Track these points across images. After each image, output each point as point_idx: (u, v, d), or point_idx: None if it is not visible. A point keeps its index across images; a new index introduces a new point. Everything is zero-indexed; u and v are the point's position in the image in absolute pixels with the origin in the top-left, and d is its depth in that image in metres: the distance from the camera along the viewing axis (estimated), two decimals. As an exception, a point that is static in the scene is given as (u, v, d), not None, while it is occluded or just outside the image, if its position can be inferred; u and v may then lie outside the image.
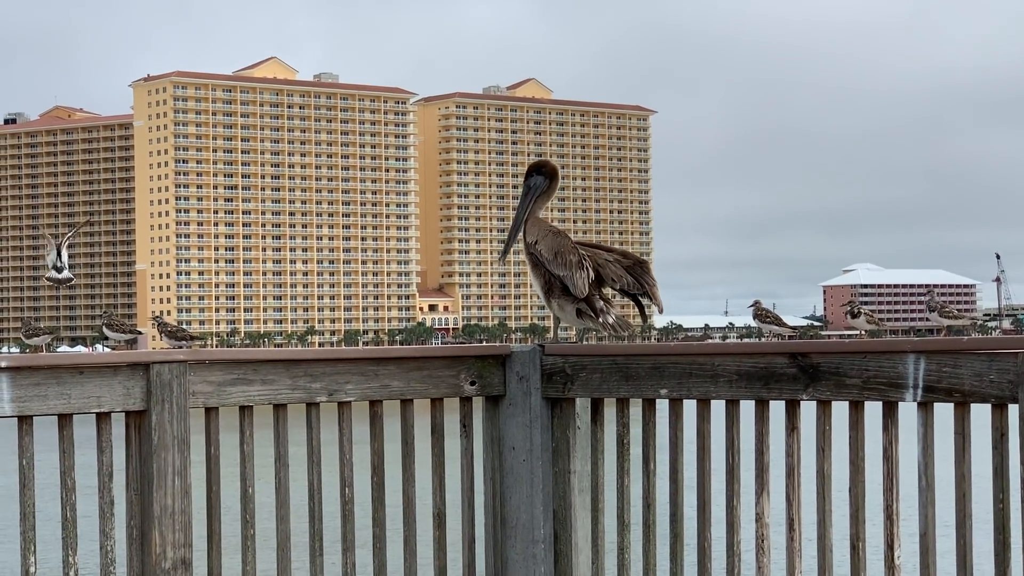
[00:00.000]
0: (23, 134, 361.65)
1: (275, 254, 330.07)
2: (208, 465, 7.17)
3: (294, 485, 7.38)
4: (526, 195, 8.09)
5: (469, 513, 7.86)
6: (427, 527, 7.73)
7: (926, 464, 6.49)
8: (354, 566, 7.50)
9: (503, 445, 7.95)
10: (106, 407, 6.92)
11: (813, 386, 6.79)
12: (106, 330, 13.11)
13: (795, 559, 6.90)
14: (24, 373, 6.73)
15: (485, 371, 7.89)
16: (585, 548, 7.86)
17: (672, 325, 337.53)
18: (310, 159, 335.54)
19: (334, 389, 7.45)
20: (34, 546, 6.79)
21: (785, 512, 6.92)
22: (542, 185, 8.10)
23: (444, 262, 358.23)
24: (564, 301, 7.87)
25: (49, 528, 8.16)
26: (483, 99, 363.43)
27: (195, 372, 7.11)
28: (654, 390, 7.40)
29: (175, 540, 7.03)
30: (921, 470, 6.50)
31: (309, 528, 7.38)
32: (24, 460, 6.77)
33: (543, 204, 8.15)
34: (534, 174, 8.10)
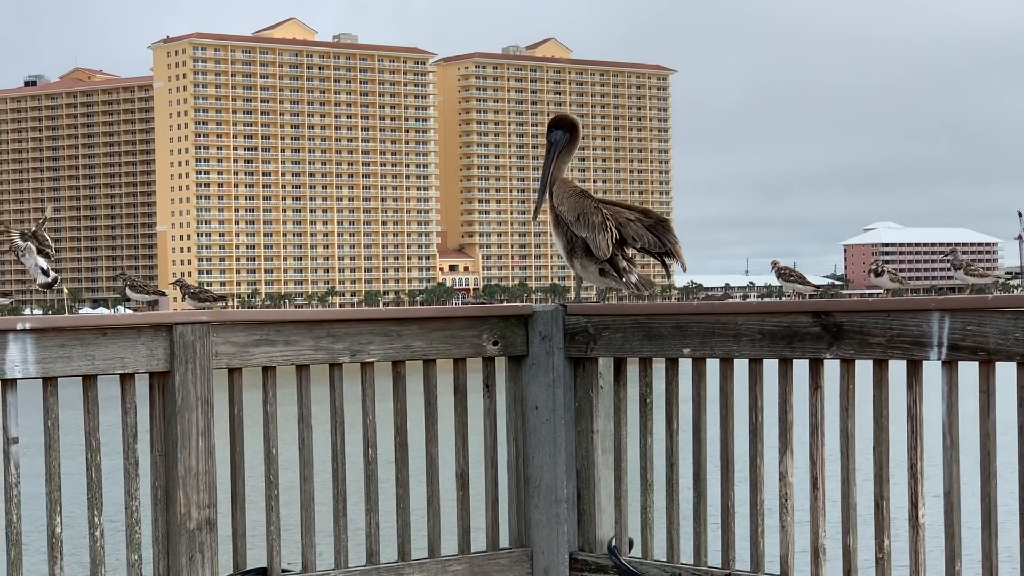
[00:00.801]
0: (43, 96, 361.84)
1: (295, 215, 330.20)
2: (231, 426, 7.19)
3: (317, 445, 7.40)
4: (549, 151, 8.06)
5: (492, 473, 7.87)
6: (450, 487, 7.74)
7: (950, 423, 6.47)
8: (378, 526, 7.52)
9: (526, 405, 7.95)
10: (130, 368, 6.93)
11: (837, 345, 6.77)
12: (128, 291, 13.13)
13: (819, 518, 6.90)
14: (48, 334, 6.75)
15: (507, 331, 7.89)
16: (608, 507, 7.87)
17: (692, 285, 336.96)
18: (330, 120, 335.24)
19: (356, 350, 7.45)
20: (60, 506, 6.82)
21: (808, 471, 6.91)
22: (563, 140, 8.07)
23: (464, 222, 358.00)
24: (587, 261, 7.84)
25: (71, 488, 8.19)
26: (502, 59, 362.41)
27: (218, 333, 7.11)
28: (677, 349, 7.39)
29: (199, 500, 7.05)
30: (946, 429, 6.49)
31: (332, 488, 7.40)
32: (49, 421, 6.79)
33: (567, 159, 8.12)
34: (554, 129, 8.08)
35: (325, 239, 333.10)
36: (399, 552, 7.62)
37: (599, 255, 7.73)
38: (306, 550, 7.35)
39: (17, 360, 6.65)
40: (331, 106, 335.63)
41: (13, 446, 6.71)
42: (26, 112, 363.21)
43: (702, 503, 7.31)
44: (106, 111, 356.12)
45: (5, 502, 6.68)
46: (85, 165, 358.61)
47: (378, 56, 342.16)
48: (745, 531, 7.14)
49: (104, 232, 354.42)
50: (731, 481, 7.19)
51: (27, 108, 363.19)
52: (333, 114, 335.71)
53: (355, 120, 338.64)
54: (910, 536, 6.59)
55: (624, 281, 7.79)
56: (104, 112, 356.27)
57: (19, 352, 6.66)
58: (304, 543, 7.36)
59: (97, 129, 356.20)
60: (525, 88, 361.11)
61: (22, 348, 6.67)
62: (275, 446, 7.32)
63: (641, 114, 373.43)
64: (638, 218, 7.82)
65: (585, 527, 7.88)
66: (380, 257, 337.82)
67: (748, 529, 7.12)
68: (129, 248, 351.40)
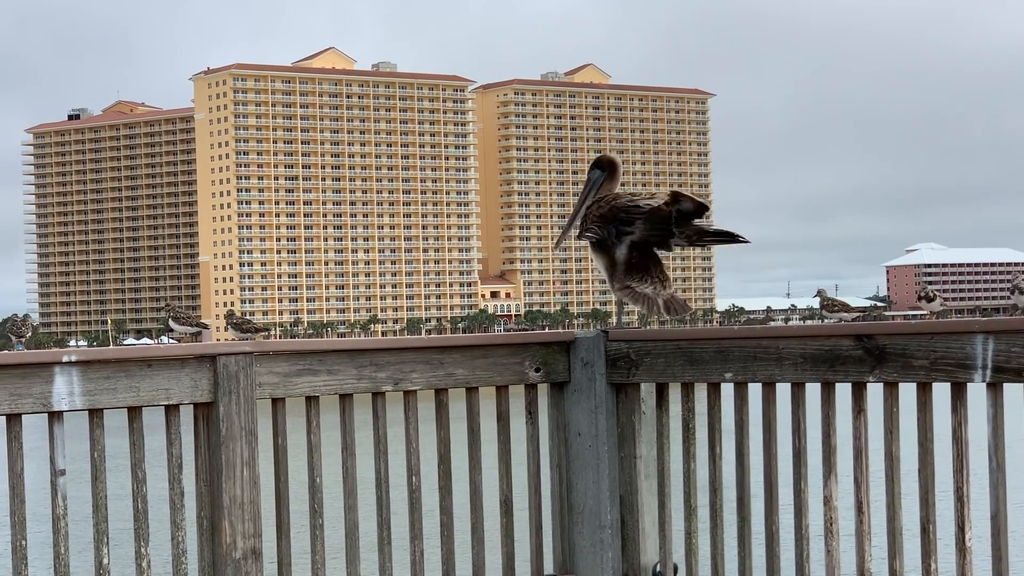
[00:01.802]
0: (87, 129, 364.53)
1: (337, 244, 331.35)
2: (276, 455, 7.21)
3: (361, 474, 7.42)
4: (585, 187, 8.12)
5: (536, 500, 7.87)
6: (494, 514, 7.75)
7: (996, 445, 6.43)
8: (422, 554, 7.53)
9: (569, 431, 7.95)
10: (174, 399, 6.97)
11: (880, 368, 6.75)
12: (172, 323, 13.21)
13: (865, 542, 6.87)
14: (94, 367, 6.79)
15: (549, 357, 7.90)
16: (652, 533, 7.86)
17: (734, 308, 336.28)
18: (370, 148, 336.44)
19: (399, 378, 7.47)
20: (107, 537, 6.86)
21: (854, 495, 6.89)
22: (600, 178, 8.13)
23: (505, 248, 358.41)
24: (627, 279, 7.80)
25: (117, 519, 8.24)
26: (541, 85, 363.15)
27: (261, 363, 7.15)
28: (719, 374, 7.38)
29: (245, 530, 7.07)
30: (991, 451, 6.45)
31: (377, 517, 7.41)
32: (95, 452, 6.83)
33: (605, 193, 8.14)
34: (593, 168, 8.15)
35: (367, 267, 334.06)
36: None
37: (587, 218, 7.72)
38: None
39: (63, 392, 6.70)
40: (371, 134, 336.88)
41: (60, 478, 6.76)
42: (70, 145, 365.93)
43: (746, 528, 7.29)
44: (148, 143, 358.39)
45: (53, 534, 6.73)
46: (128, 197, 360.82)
47: (417, 84, 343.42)
48: (791, 556, 7.11)
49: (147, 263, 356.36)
50: (775, 506, 7.17)
51: (71, 141, 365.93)
52: (373, 142, 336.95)
53: (395, 148, 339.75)
54: (957, 560, 6.56)
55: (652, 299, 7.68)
56: (147, 144, 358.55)
57: (65, 385, 6.71)
58: (349, 572, 7.37)
59: (140, 161, 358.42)
60: (564, 114, 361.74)
61: (68, 381, 6.72)
62: (319, 475, 7.34)
63: (680, 138, 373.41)
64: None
65: (629, 553, 7.87)
66: (422, 284, 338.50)
67: (793, 554, 7.10)
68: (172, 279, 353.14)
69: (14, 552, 6.67)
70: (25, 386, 6.62)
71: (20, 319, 15.28)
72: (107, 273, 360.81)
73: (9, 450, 6.66)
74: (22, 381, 6.62)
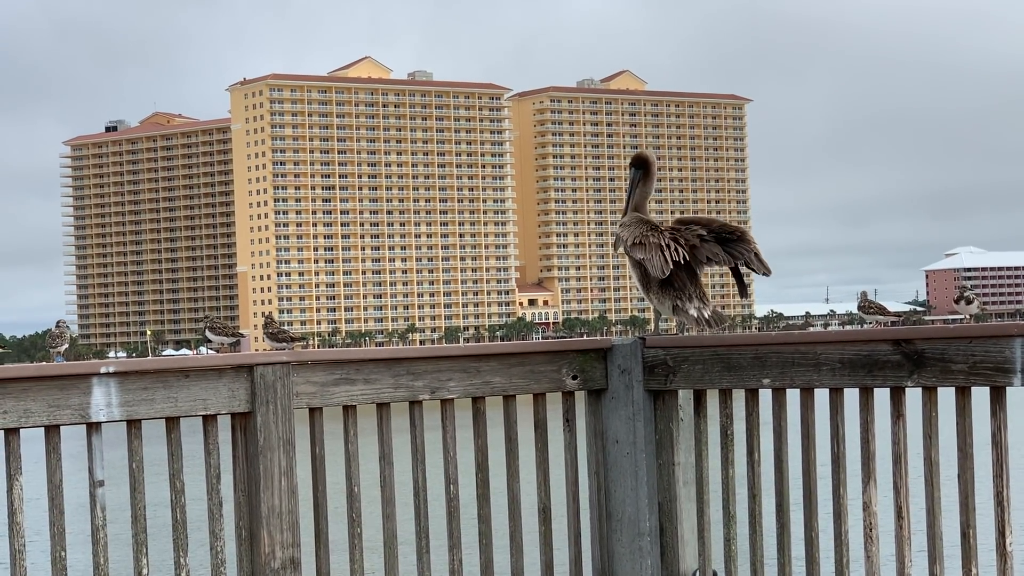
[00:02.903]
0: (124, 141, 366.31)
1: (374, 253, 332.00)
2: (313, 465, 7.22)
3: (399, 483, 7.42)
4: (634, 185, 8.17)
5: (574, 507, 7.86)
6: (532, 522, 7.74)
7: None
8: (461, 563, 7.52)
9: (606, 438, 7.94)
10: (212, 409, 6.99)
11: (918, 372, 6.72)
12: (209, 333, 13.25)
13: (905, 548, 6.83)
14: (132, 378, 6.82)
15: (587, 365, 7.88)
16: (691, 540, 7.84)
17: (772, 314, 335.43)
18: (406, 157, 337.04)
19: (436, 387, 7.47)
20: (146, 548, 6.88)
21: (893, 500, 6.85)
22: (637, 176, 8.14)
23: (543, 256, 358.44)
24: (663, 295, 7.84)
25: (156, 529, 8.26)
26: (577, 92, 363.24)
27: (298, 373, 7.16)
28: (756, 380, 7.36)
29: (283, 540, 7.08)
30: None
31: (415, 526, 7.41)
32: (134, 463, 6.85)
33: (645, 192, 8.17)
34: (632, 167, 8.18)
35: (404, 276, 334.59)
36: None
37: (655, 274, 7.72)
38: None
39: (102, 404, 6.73)
40: (407, 143, 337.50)
41: (99, 489, 6.78)
42: (107, 157, 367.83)
43: (786, 534, 7.26)
44: (185, 154, 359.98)
45: (92, 544, 6.75)
46: (166, 208, 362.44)
47: (453, 92, 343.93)
48: (831, 562, 7.08)
49: (185, 273, 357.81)
50: (814, 512, 7.14)
51: (108, 153, 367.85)
52: (409, 151, 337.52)
53: (432, 157, 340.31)
54: (998, 564, 6.52)
55: (695, 317, 7.77)
56: (184, 155, 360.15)
57: (103, 396, 6.73)
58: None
59: (177, 172, 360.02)
60: (601, 121, 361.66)
61: (106, 392, 6.74)
62: (357, 484, 7.34)
63: (717, 144, 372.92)
64: (712, 235, 7.77)
65: (668, 560, 7.85)
66: (459, 293, 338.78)
67: (833, 560, 7.07)
68: (210, 289, 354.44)
69: (54, 563, 6.69)
70: (64, 397, 6.65)
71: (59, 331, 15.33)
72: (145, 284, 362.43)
73: (48, 461, 6.69)
74: (60, 392, 6.65)
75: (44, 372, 6.65)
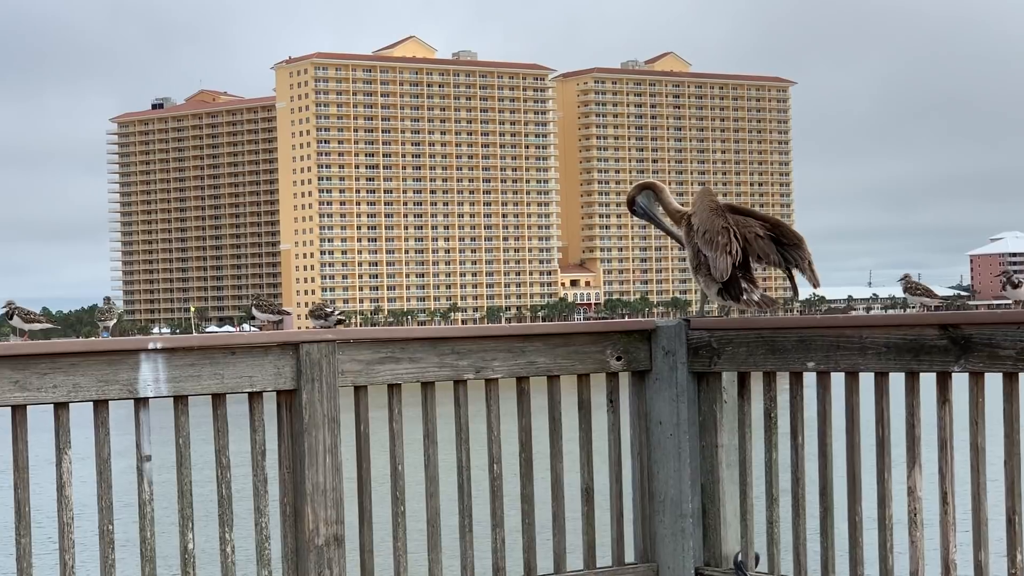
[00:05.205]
0: (170, 118, 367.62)
1: (417, 232, 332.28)
2: (358, 443, 7.25)
3: (442, 462, 7.44)
4: (651, 220, 8.20)
5: (617, 488, 7.87)
6: (575, 502, 7.76)
7: (1083, 436, 6.36)
8: (503, 542, 7.55)
9: (650, 420, 7.94)
10: (258, 387, 7.03)
11: (965, 358, 6.69)
12: (255, 310, 13.30)
13: (949, 533, 6.81)
14: (179, 354, 6.86)
15: (631, 346, 7.89)
16: (734, 522, 7.84)
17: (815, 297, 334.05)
18: (450, 137, 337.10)
19: (481, 366, 7.49)
20: (191, 523, 6.93)
21: (938, 485, 6.83)
22: (650, 200, 8.21)
23: (585, 237, 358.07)
24: (709, 280, 7.83)
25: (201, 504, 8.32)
26: (621, 74, 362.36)
27: (344, 351, 7.19)
28: (801, 363, 7.34)
29: (327, 517, 7.12)
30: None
31: (458, 504, 7.44)
32: (180, 439, 6.90)
33: (668, 204, 8.20)
34: (633, 207, 8.24)
35: (447, 255, 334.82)
36: (525, 568, 7.65)
37: (716, 276, 7.73)
38: (433, 566, 7.39)
39: (149, 379, 6.77)
40: (451, 123, 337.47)
41: (146, 464, 6.84)
42: (153, 134, 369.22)
43: (829, 518, 7.25)
44: (230, 132, 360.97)
45: (139, 519, 6.80)
46: (210, 185, 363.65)
47: (498, 73, 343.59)
48: (874, 546, 7.07)
49: (229, 251, 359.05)
50: (858, 496, 7.13)
51: (154, 131, 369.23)
52: (453, 131, 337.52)
53: (475, 137, 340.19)
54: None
55: (745, 299, 7.77)
56: (229, 133, 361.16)
57: (151, 371, 6.78)
58: (431, 559, 7.40)
59: (222, 150, 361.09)
60: (644, 103, 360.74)
61: (153, 368, 6.79)
62: (401, 463, 7.37)
63: (761, 126, 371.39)
64: (768, 233, 7.76)
65: (711, 542, 7.86)
66: (502, 273, 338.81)
67: (876, 544, 7.05)
68: (254, 266, 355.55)
69: (101, 536, 6.75)
70: (112, 373, 6.70)
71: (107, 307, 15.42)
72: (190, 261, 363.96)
73: (96, 435, 6.74)
74: (109, 368, 6.70)
75: (93, 347, 6.70)
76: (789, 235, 7.81)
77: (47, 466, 7.42)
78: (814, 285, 7.97)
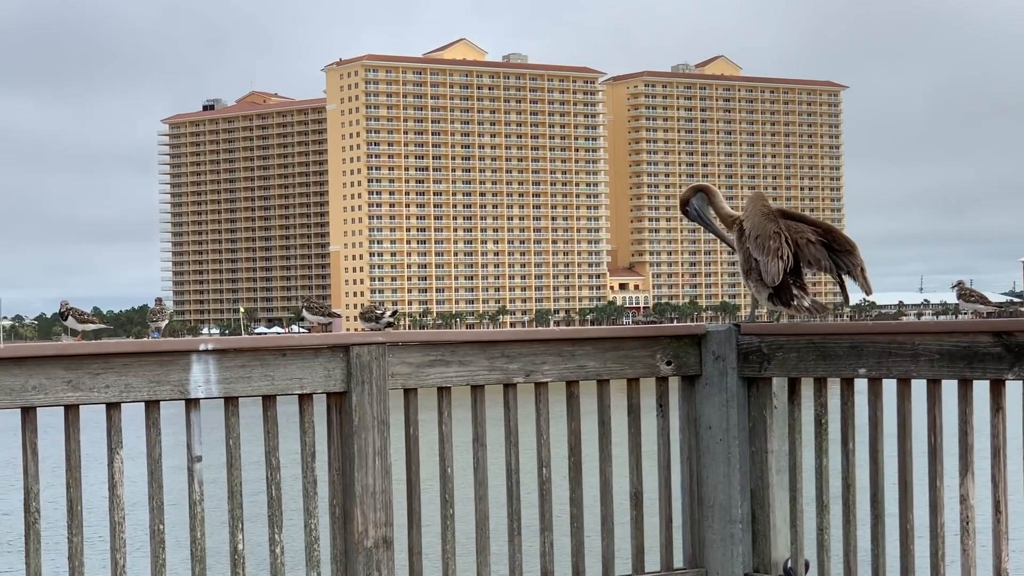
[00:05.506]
0: (221, 119, 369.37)
1: (466, 234, 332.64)
2: (407, 445, 7.26)
3: (491, 465, 7.44)
4: (703, 223, 8.17)
5: (666, 493, 7.85)
6: (624, 506, 7.74)
7: None
8: (551, 545, 7.54)
9: (699, 425, 7.92)
10: (308, 388, 7.04)
11: (1019, 366, 6.64)
12: (305, 312, 13.35)
13: (1002, 542, 6.76)
14: (230, 355, 6.88)
15: (681, 351, 7.87)
16: (783, 529, 7.81)
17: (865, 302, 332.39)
18: (500, 139, 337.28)
19: (531, 370, 7.49)
20: (241, 524, 6.95)
21: (991, 494, 6.78)
22: (702, 202, 8.18)
23: (634, 241, 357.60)
24: (760, 284, 7.81)
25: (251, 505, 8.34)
26: (672, 77, 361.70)
27: (394, 354, 7.20)
28: (852, 369, 7.31)
29: (376, 519, 7.13)
30: None
31: (507, 508, 7.44)
32: (231, 440, 6.93)
33: (720, 208, 8.17)
34: (685, 208, 8.21)
35: (496, 258, 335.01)
36: (573, 571, 7.64)
37: (767, 281, 7.70)
38: (481, 569, 7.40)
39: (200, 380, 6.80)
40: (501, 126, 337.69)
41: (197, 464, 6.86)
42: (204, 136, 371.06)
43: (880, 525, 7.21)
44: (281, 133, 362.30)
45: (189, 519, 6.83)
46: (260, 187, 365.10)
47: (548, 76, 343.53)
48: (925, 554, 7.03)
49: (279, 252, 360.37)
50: (910, 503, 7.09)
51: (205, 132, 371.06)
52: (503, 134, 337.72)
53: (525, 139, 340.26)
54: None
55: (796, 305, 7.74)
56: (279, 135, 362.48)
57: (202, 372, 6.81)
58: (479, 562, 7.41)
59: (272, 151, 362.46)
60: (695, 106, 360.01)
61: (204, 369, 6.82)
62: (450, 465, 7.38)
63: (812, 131, 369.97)
64: (820, 239, 7.73)
65: (760, 548, 7.83)
66: (550, 276, 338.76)
67: (928, 552, 7.01)
68: (303, 268, 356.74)
69: (152, 536, 6.78)
70: (163, 373, 6.73)
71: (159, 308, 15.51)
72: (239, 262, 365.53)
73: (148, 436, 6.78)
74: (160, 368, 6.73)
75: (145, 348, 6.74)
76: (841, 241, 7.77)
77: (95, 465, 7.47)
78: (866, 292, 7.92)
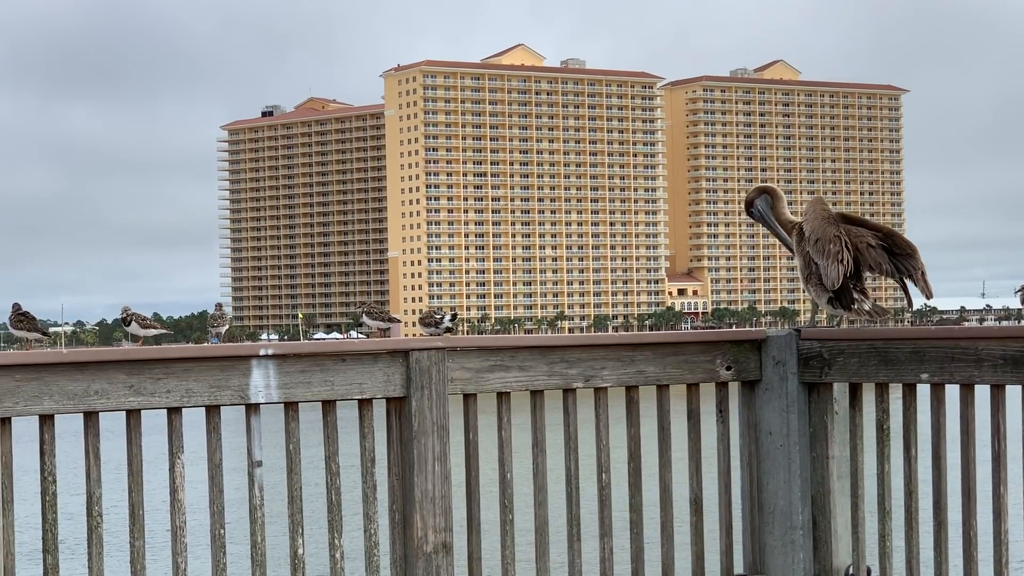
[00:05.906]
0: (279, 126, 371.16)
1: (524, 240, 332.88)
2: (467, 450, 7.26)
3: (551, 470, 7.43)
4: (766, 224, 8.14)
5: (726, 499, 7.82)
6: (684, 512, 7.71)
7: None
8: (611, 551, 7.52)
9: (760, 430, 7.88)
10: (367, 394, 7.06)
11: (1084, 371, 6.57)
12: (365, 318, 13.39)
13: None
14: (289, 360, 6.91)
15: (741, 356, 7.83)
16: (845, 535, 7.75)
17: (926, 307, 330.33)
18: (558, 145, 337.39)
19: (590, 375, 7.47)
20: (302, 528, 6.97)
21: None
22: (766, 204, 8.14)
23: (693, 246, 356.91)
24: (820, 289, 7.76)
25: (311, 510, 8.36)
26: (730, 82, 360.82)
27: (453, 359, 7.20)
28: (914, 375, 7.25)
29: (436, 524, 7.13)
30: None
31: (566, 513, 7.42)
32: (291, 445, 6.95)
33: (781, 212, 8.14)
34: (750, 209, 8.19)
35: (554, 263, 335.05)
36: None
37: (827, 285, 7.66)
38: (540, 574, 7.38)
39: (260, 385, 6.83)
40: (559, 131, 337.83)
41: (257, 469, 6.89)
42: (263, 142, 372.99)
43: (943, 532, 7.15)
44: (339, 139, 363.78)
45: (250, 523, 6.86)
46: (319, 192, 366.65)
47: (606, 81, 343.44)
48: (989, 561, 6.96)
49: (337, 258, 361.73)
50: (973, 510, 7.02)
51: (264, 138, 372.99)
52: (561, 139, 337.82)
53: (583, 145, 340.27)
54: None
55: (855, 309, 7.69)
56: (337, 140, 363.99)
57: (262, 378, 6.84)
58: (539, 567, 7.39)
59: (330, 157, 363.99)
60: (753, 111, 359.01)
61: (265, 374, 6.84)
62: (510, 471, 7.37)
63: (872, 135, 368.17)
64: (880, 243, 7.68)
65: (821, 555, 7.78)
66: (609, 281, 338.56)
67: (992, 559, 6.95)
68: (361, 273, 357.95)
69: (213, 540, 6.81)
70: (224, 378, 6.76)
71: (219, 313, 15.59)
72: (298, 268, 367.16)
73: (208, 440, 6.81)
74: (221, 373, 6.76)
75: (206, 353, 6.77)
76: (902, 245, 7.71)
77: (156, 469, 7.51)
78: (927, 296, 7.85)
